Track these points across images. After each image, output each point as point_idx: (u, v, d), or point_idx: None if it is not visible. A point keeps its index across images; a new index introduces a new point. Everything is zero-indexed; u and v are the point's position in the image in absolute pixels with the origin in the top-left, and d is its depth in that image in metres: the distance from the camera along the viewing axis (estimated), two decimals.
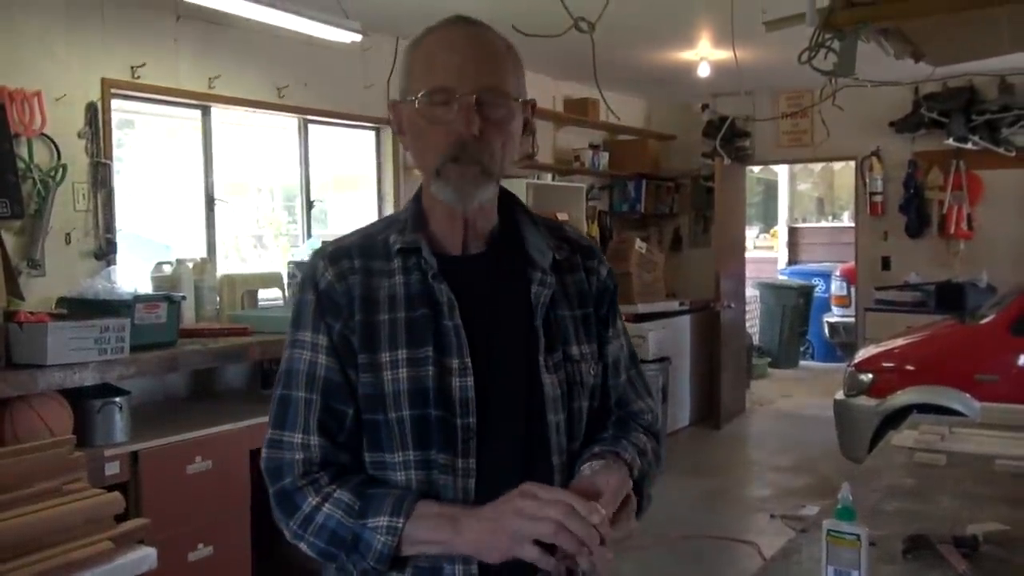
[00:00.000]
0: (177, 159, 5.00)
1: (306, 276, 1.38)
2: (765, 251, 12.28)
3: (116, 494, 2.69)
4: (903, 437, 2.70)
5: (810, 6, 2.31)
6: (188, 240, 4.97)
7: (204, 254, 4.72)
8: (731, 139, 8.34)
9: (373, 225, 1.44)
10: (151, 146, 4.98)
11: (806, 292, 10.39)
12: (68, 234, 4.06)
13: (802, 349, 10.61)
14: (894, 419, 5.51)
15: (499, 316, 1.35)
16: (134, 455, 3.45)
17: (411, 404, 1.29)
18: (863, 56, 2.78)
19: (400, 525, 1.24)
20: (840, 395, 5.81)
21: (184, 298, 3.99)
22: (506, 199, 1.44)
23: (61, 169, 3.99)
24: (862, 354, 5.98)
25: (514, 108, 1.33)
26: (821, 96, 4.57)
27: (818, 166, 12.12)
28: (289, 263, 4.84)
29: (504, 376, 1.32)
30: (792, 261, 12.19)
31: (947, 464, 2.43)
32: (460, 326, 1.31)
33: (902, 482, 2.28)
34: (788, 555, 1.76)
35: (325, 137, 5.69)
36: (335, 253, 1.37)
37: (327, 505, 1.27)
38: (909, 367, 5.58)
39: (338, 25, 4.41)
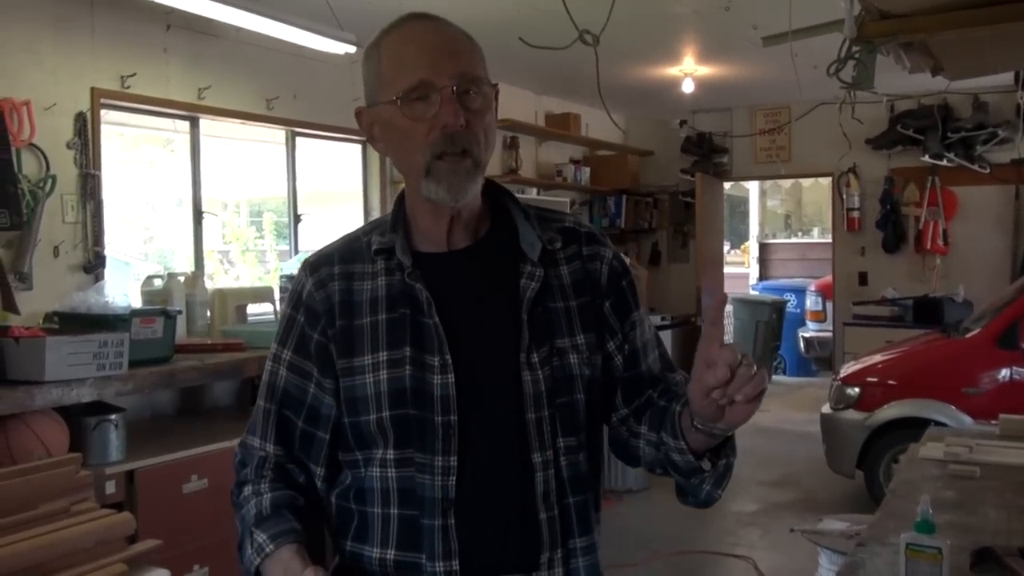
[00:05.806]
0: (143, 172, 4.85)
1: (292, 290, 1.42)
2: (736, 266, 12.35)
3: (127, 514, 2.61)
4: (930, 449, 2.69)
5: (848, 17, 2.31)
6: (151, 256, 4.79)
7: (192, 268, 4.62)
8: (709, 155, 8.40)
9: (360, 228, 1.44)
10: (120, 160, 4.84)
11: (779, 307, 10.44)
12: (56, 247, 3.94)
13: (774, 364, 10.65)
14: (881, 433, 5.56)
15: (483, 311, 1.32)
16: (130, 474, 3.34)
17: (391, 405, 1.29)
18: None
19: (268, 551, 1.30)
20: (827, 408, 5.82)
21: (180, 312, 3.89)
22: (494, 192, 1.42)
23: (50, 180, 3.88)
24: (847, 368, 6.00)
25: (490, 95, 1.32)
26: (840, 108, 4.59)
27: (787, 183, 12.24)
28: (281, 277, 4.75)
29: (488, 373, 1.29)
30: (763, 276, 12.27)
31: (982, 476, 2.43)
32: (438, 324, 1.29)
33: (943, 495, 2.27)
34: (853, 570, 1.73)
35: (307, 151, 5.59)
36: (316, 262, 1.40)
37: (253, 501, 1.36)
38: (895, 381, 5.61)
39: (333, 36, 4.35)
